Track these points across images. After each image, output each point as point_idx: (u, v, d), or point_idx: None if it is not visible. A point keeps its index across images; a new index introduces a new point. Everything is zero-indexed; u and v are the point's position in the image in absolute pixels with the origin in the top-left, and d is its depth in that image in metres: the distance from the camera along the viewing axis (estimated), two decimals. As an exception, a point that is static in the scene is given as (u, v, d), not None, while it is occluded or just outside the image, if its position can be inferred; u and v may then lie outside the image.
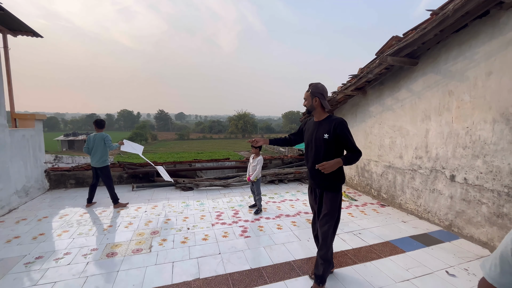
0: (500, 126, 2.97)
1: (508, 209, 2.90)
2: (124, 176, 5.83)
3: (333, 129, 2.12)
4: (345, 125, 2.14)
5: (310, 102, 2.25)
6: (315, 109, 2.26)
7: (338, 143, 2.14)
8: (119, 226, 3.62)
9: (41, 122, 5.31)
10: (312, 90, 2.23)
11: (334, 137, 2.12)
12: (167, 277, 2.47)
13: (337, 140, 2.13)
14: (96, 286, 2.32)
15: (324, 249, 2.21)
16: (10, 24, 4.64)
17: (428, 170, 3.88)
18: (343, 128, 2.11)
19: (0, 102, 4.03)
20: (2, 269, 2.57)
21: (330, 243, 2.23)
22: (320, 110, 2.26)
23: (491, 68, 3.05)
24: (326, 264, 2.23)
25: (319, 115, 2.27)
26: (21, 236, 3.30)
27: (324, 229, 2.19)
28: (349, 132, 2.15)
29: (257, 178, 4.15)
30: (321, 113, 2.26)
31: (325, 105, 2.21)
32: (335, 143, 2.14)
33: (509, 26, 2.87)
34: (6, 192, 4.07)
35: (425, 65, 3.89)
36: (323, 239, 2.21)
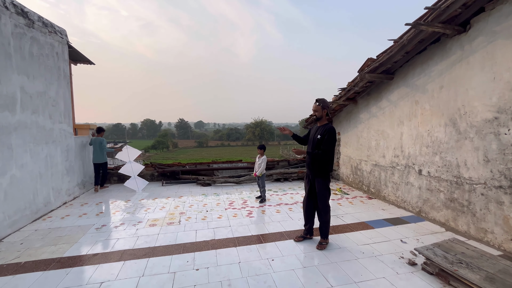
0: (449, 128, 3.75)
1: (457, 195, 3.64)
2: (155, 174, 7.05)
3: (323, 133, 3.07)
4: (331, 132, 3.04)
5: (320, 113, 3.17)
6: (322, 118, 3.18)
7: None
8: (155, 209, 4.74)
9: (92, 131, 6.70)
10: (322, 104, 3.15)
11: (322, 138, 3.07)
12: (192, 238, 3.50)
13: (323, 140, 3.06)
14: (145, 241, 3.41)
15: (324, 216, 3.18)
16: (74, 56, 6.09)
17: (403, 166, 4.65)
18: (328, 133, 3.04)
19: (70, 116, 5.38)
20: (82, 230, 3.75)
21: (327, 212, 3.19)
22: (325, 119, 3.19)
23: (442, 83, 3.85)
24: (326, 225, 3.21)
25: (322, 122, 3.20)
26: (87, 213, 4.51)
27: (321, 203, 3.17)
28: (330, 137, 3.03)
29: (262, 174, 5.13)
30: (324, 121, 3.20)
31: (329, 115, 3.22)
32: (322, 142, 3.07)
33: (452, 50, 3.69)
34: (72, 183, 5.38)
35: (399, 79, 4.71)
36: (323, 209, 3.17)
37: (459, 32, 3.55)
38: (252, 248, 3.20)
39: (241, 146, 73.58)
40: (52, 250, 3.16)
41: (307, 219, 3.40)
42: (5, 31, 3.66)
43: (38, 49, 4.39)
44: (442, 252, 2.62)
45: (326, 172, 3.13)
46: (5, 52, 3.65)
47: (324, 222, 3.22)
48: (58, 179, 4.87)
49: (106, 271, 2.71)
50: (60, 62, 5.06)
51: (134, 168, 6.10)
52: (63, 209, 4.72)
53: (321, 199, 3.16)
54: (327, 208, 3.19)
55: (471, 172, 3.45)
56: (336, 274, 2.64)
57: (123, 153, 6.15)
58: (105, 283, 2.51)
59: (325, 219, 3.20)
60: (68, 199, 5.19)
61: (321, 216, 3.22)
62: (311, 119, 7.19)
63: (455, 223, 3.68)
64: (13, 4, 3.83)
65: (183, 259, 2.94)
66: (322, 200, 3.16)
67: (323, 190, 3.15)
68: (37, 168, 4.28)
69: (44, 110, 4.50)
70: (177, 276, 2.62)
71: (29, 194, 4.06)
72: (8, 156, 3.65)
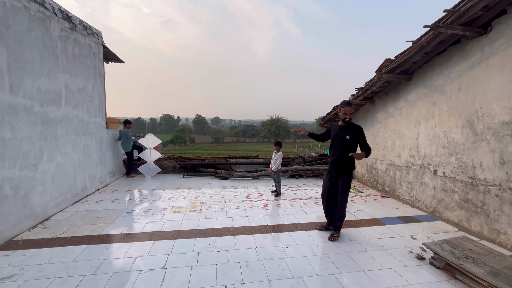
0: (466, 130, 3.78)
1: (471, 196, 3.68)
2: (177, 167, 7.50)
3: (353, 133, 3.22)
4: (361, 131, 3.24)
5: (352, 115, 3.29)
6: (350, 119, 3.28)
7: (354, 142, 3.23)
8: (178, 198, 5.13)
9: (122, 124, 7.24)
10: (353, 106, 3.31)
11: (353, 138, 3.21)
12: (212, 224, 3.83)
13: (355, 140, 3.22)
14: (170, 225, 3.77)
15: (341, 211, 3.36)
16: (106, 55, 6.60)
17: (418, 166, 4.69)
18: (361, 133, 3.24)
19: (103, 110, 5.90)
20: (115, 213, 4.20)
21: (344, 208, 3.36)
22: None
23: (461, 84, 3.87)
24: (341, 220, 3.40)
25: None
26: (118, 199, 4.99)
27: (341, 200, 3.33)
28: (364, 135, 3.26)
29: (278, 169, 5.36)
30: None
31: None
32: (353, 142, 3.23)
33: (472, 52, 3.70)
34: (104, 172, 5.92)
35: (417, 80, 4.74)
36: (341, 205, 3.33)
37: (479, 34, 3.56)
38: (267, 236, 3.46)
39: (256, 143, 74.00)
40: (92, 228, 3.61)
41: (327, 212, 3.61)
42: (53, 34, 4.14)
43: (79, 50, 4.88)
44: (450, 247, 2.74)
45: (350, 170, 3.31)
46: (53, 53, 4.13)
47: (339, 217, 3.40)
48: (93, 167, 5.39)
49: (139, 248, 3.09)
50: (96, 61, 5.56)
51: (152, 154, 6.90)
52: (97, 195, 5.23)
53: (343, 195, 3.31)
54: (345, 204, 3.37)
55: (486, 173, 3.48)
56: (345, 263, 2.85)
57: (146, 139, 6.97)
58: (139, 258, 2.88)
59: (341, 214, 3.38)
60: (100, 186, 5.73)
61: (337, 211, 3.38)
62: (328, 118, 7.30)
63: (468, 224, 3.73)
64: (60, 10, 4.30)
65: (205, 242, 3.26)
66: (344, 196, 3.32)
67: (346, 187, 3.31)
68: (77, 157, 4.80)
69: (83, 105, 5.01)
70: (201, 255, 2.95)
71: (70, 179, 4.57)
72: (55, 145, 4.15)
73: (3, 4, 3.18)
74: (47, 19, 4.00)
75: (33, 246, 3.09)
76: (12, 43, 3.31)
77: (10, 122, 3.27)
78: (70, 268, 2.66)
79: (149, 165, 6.89)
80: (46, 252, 2.95)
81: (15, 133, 3.35)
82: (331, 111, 6.90)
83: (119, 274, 2.57)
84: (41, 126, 3.83)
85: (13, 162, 3.30)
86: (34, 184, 3.68)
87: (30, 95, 3.61)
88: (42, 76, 3.86)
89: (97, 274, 2.57)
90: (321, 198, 3.68)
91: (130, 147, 6.74)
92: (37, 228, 3.59)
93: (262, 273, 2.63)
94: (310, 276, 2.60)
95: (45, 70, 3.92)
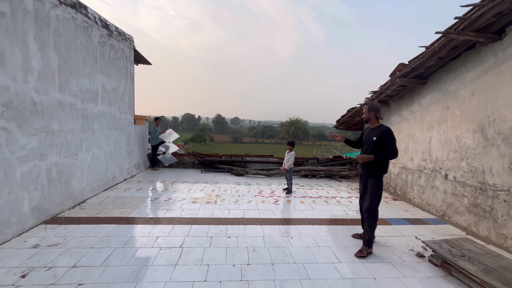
0: (477, 135, 3.80)
1: (480, 200, 3.70)
2: (196, 162, 7.98)
3: (380, 134, 2.99)
4: (389, 132, 2.96)
5: (367, 115, 3.15)
6: (370, 120, 3.16)
7: (382, 144, 2.97)
8: (196, 190, 5.56)
9: (148, 121, 7.86)
10: (369, 107, 3.13)
11: (380, 140, 2.98)
12: (225, 214, 4.17)
13: (382, 142, 2.97)
14: (188, 213, 4.17)
15: (369, 220, 3.06)
16: (136, 58, 7.23)
17: (430, 170, 4.72)
18: (386, 134, 2.96)
19: (132, 108, 6.51)
20: (140, 200, 4.69)
21: (373, 216, 3.05)
22: (375, 121, 3.14)
23: (474, 89, 3.89)
24: (369, 231, 3.05)
25: (373, 124, 3.16)
26: (143, 188, 5.51)
27: (369, 205, 3.05)
28: (390, 137, 2.95)
29: (290, 168, 5.61)
30: (375, 122, 3.14)
31: (379, 116, 3.11)
32: (380, 144, 2.98)
33: (486, 57, 3.73)
34: (131, 164, 6.52)
35: (432, 84, 4.77)
36: (368, 212, 3.06)
37: (493, 40, 3.59)
38: (275, 228, 3.74)
39: (274, 144, 74.03)
40: (120, 212, 4.11)
41: (363, 220, 3.35)
42: (94, 40, 4.73)
43: (114, 54, 5.48)
44: (449, 246, 2.85)
45: (380, 171, 3.03)
46: (93, 57, 4.71)
47: (368, 228, 3.08)
48: (121, 159, 5.98)
49: (160, 230, 3.50)
50: (127, 64, 6.16)
51: (170, 147, 7.75)
52: (125, 184, 5.80)
53: (371, 199, 3.05)
54: (374, 213, 3.06)
55: (495, 178, 3.50)
56: (345, 255, 3.05)
57: (166, 134, 7.82)
58: (160, 237, 3.29)
59: (370, 224, 3.06)
60: (127, 176, 6.32)
61: (366, 219, 3.10)
62: (343, 120, 7.41)
63: (476, 228, 3.74)
64: (100, 19, 4.89)
65: (218, 229, 3.61)
66: (372, 201, 3.05)
67: (375, 190, 3.04)
68: (109, 149, 5.38)
69: (115, 103, 5.60)
70: (213, 239, 3.29)
71: (102, 168, 5.15)
72: (92, 138, 4.73)
73: (57, 16, 3.76)
74: (90, 27, 4.58)
75: (73, 222, 3.62)
76: (62, 49, 3.89)
77: (58, 116, 3.84)
78: (104, 241, 3.12)
79: (167, 155, 7.71)
80: (84, 228, 3.46)
81: (62, 125, 3.92)
82: (346, 114, 7.01)
83: (143, 249, 2.99)
84: (81, 120, 4.41)
85: (59, 150, 3.88)
86: (75, 170, 4.25)
87: (74, 93, 4.19)
88: (84, 77, 4.44)
89: (126, 248, 3.00)
90: (359, 202, 3.45)
91: (156, 142, 7.39)
92: (75, 208, 4.15)
93: (267, 258, 2.92)
94: (310, 263, 2.85)
95: (86, 71, 4.50)
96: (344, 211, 4.58)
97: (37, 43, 3.40)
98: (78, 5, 4.25)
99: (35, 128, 3.40)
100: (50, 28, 3.63)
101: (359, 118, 7.21)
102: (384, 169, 3.05)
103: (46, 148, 3.60)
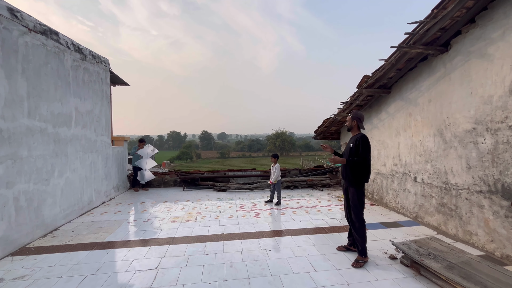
0: (437, 138, 4.08)
1: (446, 200, 3.91)
2: (178, 181, 7.89)
3: (355, 141, 3.08)
4: (363, 139, 3.03)
5: (350, 123, 3.27)
6: (352, 128, 3.27)
7: (358, 151, 3.04)
8: (176, 209, 5.48)
9: (126, 142, 7.76)
10: (352, 115, 3.25)
11: (355, 146, 3.06)
12: (205, 232, 4.14)
13: (357, 148, 3.04)
14: (166, 233, 4.10)
15: (357, 230, 3.07)
16: (113, 80, 7.24)
17: (401, 174, 4.95)
18: (360, 141, 3.04)
19: (109, 130, 6.44)
20: (118, 224, 4.57)
21: (360, 226, 3.06)
22: (356, 129, 3.25)
23: (430, 97, 4.22)
24: (361, 241, 3.05)
25: (354, 132, 3.27)
26: (121, 211, 5.37)
27: (354, 215, 3.11)
28: (363, 143, 3.01)
29: (277, 181, 5.68)
30: (356, 131, 3.25)
31: (361, 126, 3.22)
32: (356, 151, 3.05)
33: (437, 68, 4.08)
34: (110, 186, 6.36)
35: (395, 93, 5.11)
36: (354, 222, 3.10)
37: (441, 51, 3.95)
38: (254, 241, 3.75)
39: (262, 157, 74.19)
40: (95, 237, 3.97)
41: (350, 231, 3.37)
42: (66, 65, 4.74)
43: (88, 77, 5.48)
44: (416, 246, 2.98)
45: (359, 181, 3.05)
46: (66, 81, 4.70)
47: (357, 237, 3.08)
48: (99, 182, 5.84)
49: (136, 252, 3.42)
50: (103, 86, 6.16)
51: (148, 163, 7.44)
52: (102, 207, 5.63)
53: (353, 210, 3.09)
54: (360, 222, 3.07)
55: (456, 178, 3.74)
56: (322, 263, 3.10)
57: (144, 150, 7.53)
58: (135, 260, 3.21)
59: (358, 233, 3.06)
60: (105, 199, 6.14)
61: (354, 229, 3.13)
62: (320, 130, 7.66)
63: (445, 227, 3.93)
64: (72, 44, 4.93)
65: (196, 247, 3.57)
66: (355, 211, 3.09)
67: (355, 201, 3.07)
68: (84, 172, 5.25)
69: (90, 125, 5.54)
70: (191, 258, 3.25)
71: (77, 193, 5.00)
72: (65, 162, 4.63)
73: (25, 44, 3.78)
74: (61, 52, 4.60)
75: (43, 252, 3.47)
76: (32, 75, 3.87)
77: (27, 142, 3.76)
78: (75, 269, 3.00)
79: (144, 171, 7.38)
80: (54, 257, 3.32)
81: (31, 151, 3.83)
82: (322, 124, 7.27)
83: (116, 274, 2.90)
84: (53, 145, 4.32)
85: (28, 177, 3.76)
86: (46, 197, 4.11)
87: (45, 118, 4.13)
88: (55, 101, 4.40)
89: (98, 274, 2.90)
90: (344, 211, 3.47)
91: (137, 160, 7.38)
92: (47, 237, 3.98)
93: (243, 272, 2.91)
94: (286, 274, 2.87)
95: (58, 96, 4.47)
96: (323, 220, 4.67)
97: (4, 70, 3.38)
98: (49, 31, 4.29)
99: (1, 156, 3.31)
100: (18, 55, 3.63)
101: (335, 128, 7.49)
102: (363, 177, 3.04)
103: (13, 175, 3.49)
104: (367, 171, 3.05)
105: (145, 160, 7.41)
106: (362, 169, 3.04)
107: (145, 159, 7.41)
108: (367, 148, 3.03)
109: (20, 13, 3.69)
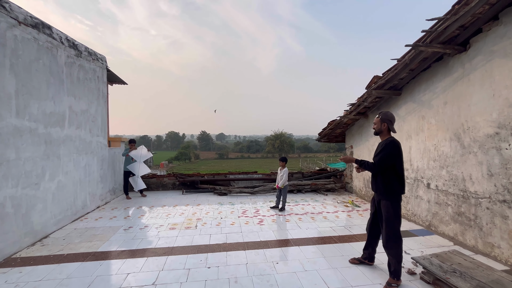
0: (454, 143, 3.84)
1: (464, 208, 3.67)
2: (176, 184, 7.61)
3: (383, 147, 2.68)
4: (388, 144, 2.62)
5: (379, 126, 2.75)
6: (382, 132, 2.76)
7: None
8: (175, 214, 5.20)
9: (124, 143, 7.47)
10: (382, 117, 2.73)
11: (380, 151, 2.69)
12: (206, 241, 3.87)
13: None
14: (165, 242, 3.83)
15: (391, 248, 2.62)
16: (110, 78, 6.97)
17: (412, 179, 4.71)
18: (385, 146, 2.66)
19: (105, 130, 6.15)
20: (113, 230, 4.28)
21: (393, 244, 2.61)
22: (386, 133, 2.75)
23: (446, 98, 3.98)
24: (395, 261, 2.61)
25: (383, 136, 2.78)
26: (117, 216, 5.08)
27: (386, 232, 2.66)
28: (387, 150, 2.61)
29: (284, 186, 5.42)
30: (386, 135, 2.76)
31: (392, 129, 2.72)
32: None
33: (454, 68, 3.85)
34: (105, 189, 6.06)
35: (406, 95, 4.87)
36: (388, 239, 2.65)
37: (459, 51, 3.72)
38: (259, 252, 3.48)
39: (260, 158, 73.95)
40: (88, 246, 3.69)
41: (367, 244, 3.08)
42: (60, 61, 4.46)
43: (83, 74, 5.21)
44: (439, 261, 2.73)
45: (392, 192, 2.63)
46: (59, 79, 4.43)
47: (391, 256, 2.64)
48: (93, 185, 5.55)
49: (131, 265, 3.14)
50: (100, 84, 5.88)
51: (141, 168, 6.58)
52: (97, 212, 5.34)
53: (388, 224, 2.64)
54: (396, 240, 2.62)
55: (476, 186, 3.50)
56: (334, 278, 2.84)
57: (137, 151, 6.55)
58: (131, 274, 2.93)
59: (393, 253, 2.61)
60: (101, 203, 5.85)
61: (386, 247, 2.67)
62: (324, 133, 7.42)
63: (463, 237, 3.69)
64: (67, 39, 4.66)
65: (197, 259, 3.30)
66: (388, 227, 2.64)
67: (390, 215, 2.62)
68: (78, 175, 4.97)
69: (85, 125, 5.25)
70: (191, 272, 2.98)
71: (70, 197, 4.71)
72: (57, 164, 4.34)
73: (14, 37, 3.50)
74: (55, 48, 4.33)
75: (30, 263, 3.18)
76: (21, 71, 3.60)
77: (15, 144, 3.48)
78: (63, 285, 2.72)
79: (137, 178, 6.61)
80: (42, 269, 3.03)
81: (19, 153, 3.55)
82: (327, 126, 7.03)
83: (109, 291, 2.63)
84: (44, 147, 4.04)
85: (16, 181, 3.48)
86: (35, 202, 3.83)
87: (35, 117, 3.85)
88: (47, 100, 4.12)
89: (89, 291, 2.63)
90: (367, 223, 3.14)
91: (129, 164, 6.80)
92: (35, 245, 3.69)
93: (250, 289, 2.65)
94: (297, 291, 2.61)
95: (50, 94, 4.20)
96: (331, 228, 4.41)
97: (-11, 66, 3.10)
98: (41, 25, 4.01)
99: (-15, 159, 3.03)
100: (6, 49, 3.36)
101: (340, 130, 7.26)
102: (395, 188, 2.62)
103: (-2, 180, 3.21)
104: (399, 181, 2.64)
105: (138, 165, 6.57)
106: (401, 180, 2.65)
107: (138, 163, 6.57)
108: (391, 154, 2.61)
109: (8, 4, 3.41)
